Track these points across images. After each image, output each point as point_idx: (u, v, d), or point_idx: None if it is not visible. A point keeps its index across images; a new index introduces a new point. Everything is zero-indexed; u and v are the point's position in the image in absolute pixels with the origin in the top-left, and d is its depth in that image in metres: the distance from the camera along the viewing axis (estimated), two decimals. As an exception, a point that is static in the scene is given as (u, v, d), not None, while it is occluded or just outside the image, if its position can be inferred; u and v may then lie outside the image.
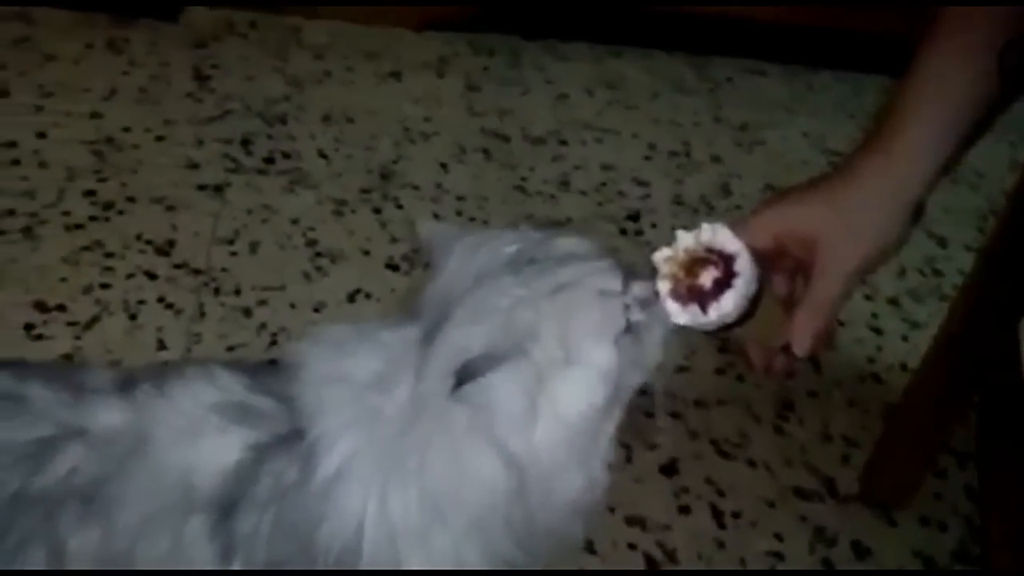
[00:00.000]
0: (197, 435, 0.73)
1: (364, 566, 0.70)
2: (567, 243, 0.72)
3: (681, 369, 1.41)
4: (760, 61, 2.24)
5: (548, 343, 0.68)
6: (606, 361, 0.68)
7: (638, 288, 0.70)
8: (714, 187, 1.83)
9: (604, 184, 1.79)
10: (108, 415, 0.73)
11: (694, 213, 1.74)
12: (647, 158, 1.89)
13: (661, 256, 0.70)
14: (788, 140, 2.01)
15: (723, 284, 0.68)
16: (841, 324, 1.54)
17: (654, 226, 1.70)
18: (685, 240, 0.70)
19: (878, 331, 1.54)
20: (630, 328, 0.69)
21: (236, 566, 0.72)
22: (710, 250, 0.69)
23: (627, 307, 0.69)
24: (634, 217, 1.72)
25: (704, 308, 0.68)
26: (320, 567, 0.71)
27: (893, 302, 1.60)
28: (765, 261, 0.71)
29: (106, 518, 0.71)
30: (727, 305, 0.67)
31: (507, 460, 0.67)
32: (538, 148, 1.86)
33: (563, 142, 1.88)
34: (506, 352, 0.67)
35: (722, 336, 0.73)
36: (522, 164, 1.80)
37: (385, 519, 0.70)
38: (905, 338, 1.53)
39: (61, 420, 0.73)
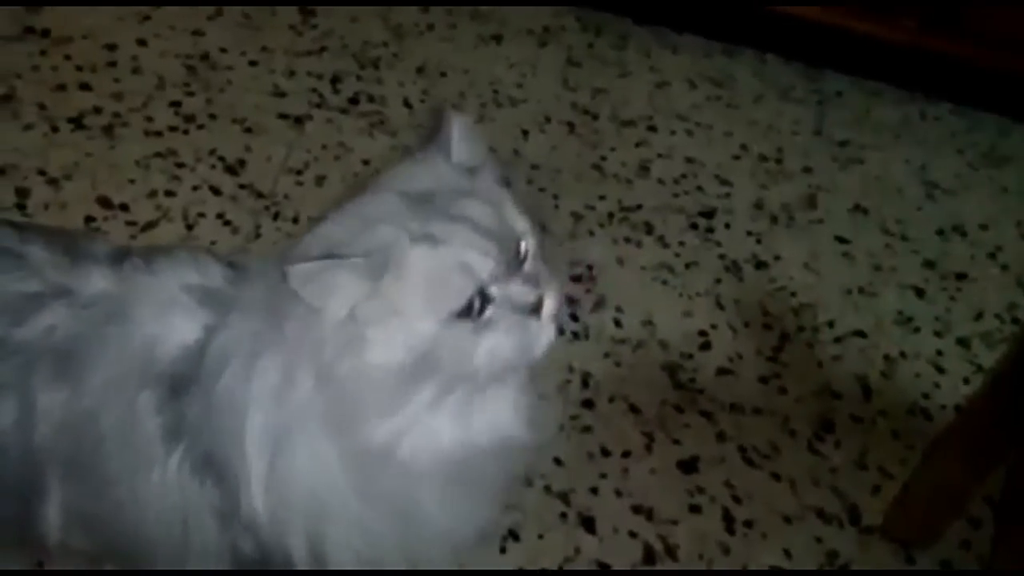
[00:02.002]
0: (168, 311, 0.75)
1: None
2: (481, 208, 0.69)
3: (723, 372, 1.37)
4: (876, 81, 2.15)
5: (390, 281, 0.66)
6: (425, 330, 0.66)
7: (517, 288, 0.68)
8: (799, 198, 1.76)
9: (684, 176, 1.74)
10: (95, 281, 0.76)
11: (772, 221, 1.68)
12: (736, 158, 1.83)
13: None
14: (888, 164, 1.92)
15: None
16: (903, 356, 1.47)
17: (727, 226, 1.65)
18: None
19: (940, 369, 1.47)
20: (472, 314, 0.67)
21: (180, 450, 0.73)
22: None
23: (482, 294, 0.67)
24: (708, 214, 1.67)
25: None
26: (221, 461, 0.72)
27: (963, 343, 1.52)
28: None
29: (76, 378, 0.74)
30: None
31: (318, 371, 0.68)
32: (625, 131, 1.82)
33: (652, 128, 1.84)
34: (353, 255, 0.66)
35: None
36: (604, 144, 1.77)
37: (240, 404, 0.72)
38: (967, 380, 1.45)
39: (51, 280, 0.75)
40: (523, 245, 0.71)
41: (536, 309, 0.69)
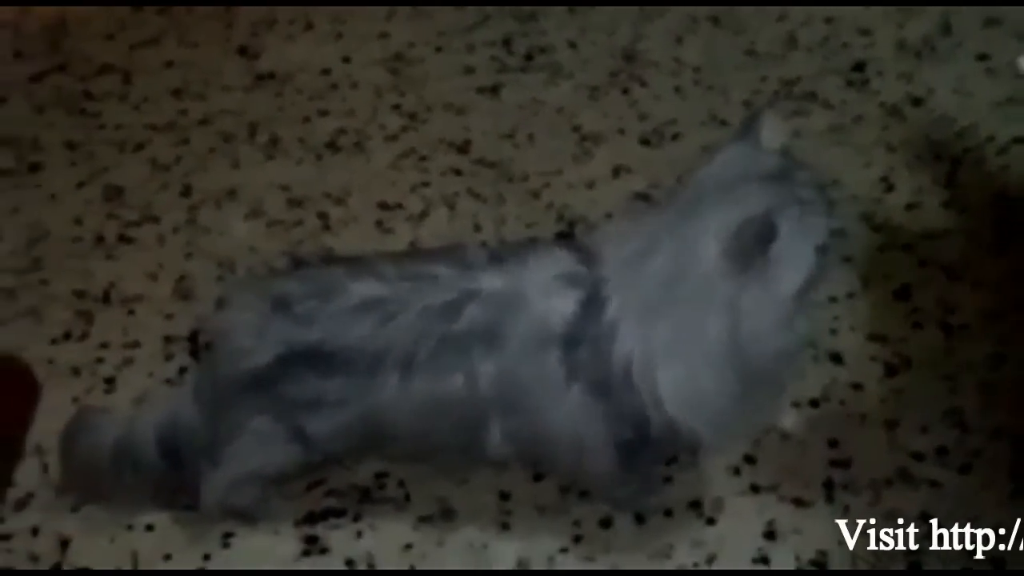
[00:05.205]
0: (549, 294, 1.09)
1: (635, 381, 1.06)
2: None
3: (910, 207, 1.63)
4: None
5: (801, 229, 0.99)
6: (810, 262, 1.01)
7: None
8: (935, 27, 1.95)
9: (828, 38, 1.96)
10: (491, 281, 1.11)
11: (917, 57, 1.89)
12: (867, 5, 2.02)
13: None
14: (1009, -36, 2.06)
15: None
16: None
17: (880, 74, 1.87)
18: None
19: (1097, 152, 1.68)
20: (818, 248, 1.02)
21: (577, 386, 1.09)
22: None
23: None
24: (860, 67, 1.89)
25: None
26: (616, 386, 1.06)
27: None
28: None
29: (499, 351, 1.10)
30: None
31: (734, 318, 1.00)
32: (764, 9, 2.03)
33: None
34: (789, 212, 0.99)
35: None
36: (750, 28, 2.00)
37: (645, 351, 1.05)
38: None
39: (460, 287, 1.11)
40: None
41: None
